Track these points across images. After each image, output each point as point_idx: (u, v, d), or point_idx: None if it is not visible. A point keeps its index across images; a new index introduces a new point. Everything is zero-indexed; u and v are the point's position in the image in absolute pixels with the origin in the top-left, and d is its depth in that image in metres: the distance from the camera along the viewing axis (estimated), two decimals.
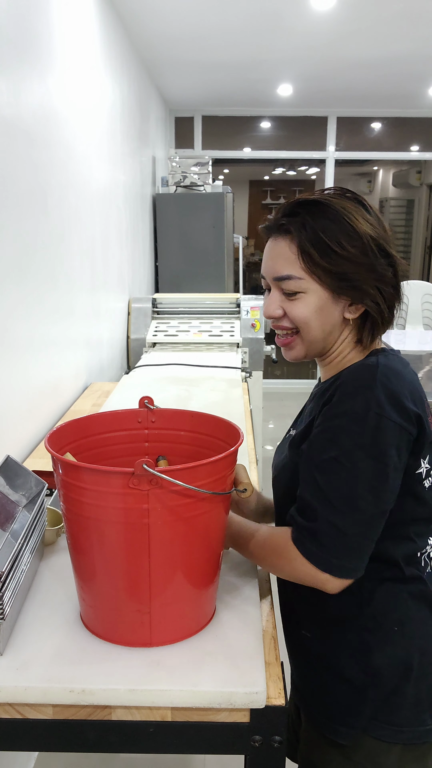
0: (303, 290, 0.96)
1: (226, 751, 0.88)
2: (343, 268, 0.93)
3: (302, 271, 0.95)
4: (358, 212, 0.95)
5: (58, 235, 2.17)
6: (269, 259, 1.00)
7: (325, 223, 0.93)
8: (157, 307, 3.85)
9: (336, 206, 0.94)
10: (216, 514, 0.90)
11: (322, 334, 0.98)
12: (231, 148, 6.94)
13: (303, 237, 0.94)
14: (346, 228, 0.93)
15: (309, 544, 0.89)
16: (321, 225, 0.93)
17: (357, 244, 0.93)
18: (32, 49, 1.87)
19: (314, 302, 0.96)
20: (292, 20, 3.47)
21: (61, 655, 0.90)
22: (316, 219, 0.94)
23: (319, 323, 0.97)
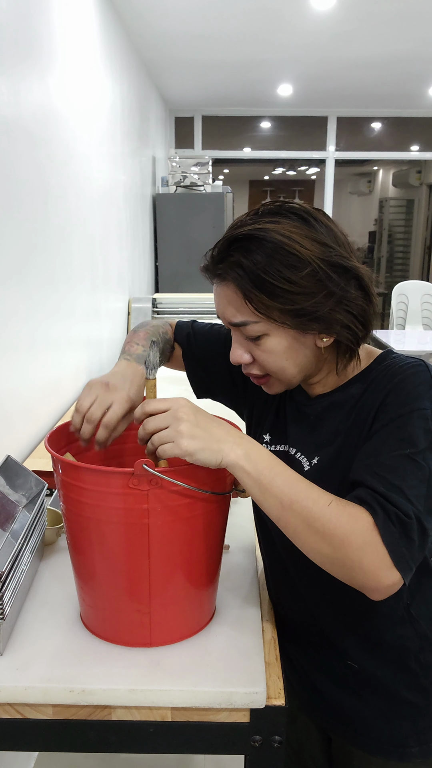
0: (264, 333, 0.87)
1: (226, 751, 0.88)
2: (298, 304, 0.83)
3: (256, 316, 0.86)
4: (298, 233, 0.84)
5: (59, 235, 2.17)
6: (219, 305, 0.91)
7: (263, 260, 0.82)
8: (157, 307, 3.85)
9: (271, 236, 0.83)
10: (216, 514, 0.90)
11: (297, 369, 0.90)
12: (231, 148, 6.95)
13: (243, 282, 0.84)
14: (287, 259, 0.82)
15: (399, 537, 0.77)
16: (260, 263, 0.83)
17: (305, 272, 0.82)
18: (32, 49, 1.87)
19: (280, 343, 0.87)
20: (292, 20, 3.47)
21: (61, 655, 0.90)
22: (253, 257, 0.83)
23: (292, 362, 0.89)
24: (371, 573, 0.77)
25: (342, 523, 0.77)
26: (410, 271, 9.35)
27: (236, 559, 1.14)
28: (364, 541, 0.76)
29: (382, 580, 0.77)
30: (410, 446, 0.80)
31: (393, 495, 0.78)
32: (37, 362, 1.95)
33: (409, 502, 0.78)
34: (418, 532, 0.78)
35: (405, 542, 0.77)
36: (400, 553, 0.77)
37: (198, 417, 0.81)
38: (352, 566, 0.78)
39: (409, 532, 0.77)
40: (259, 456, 0.81)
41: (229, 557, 1.14)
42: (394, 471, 0.79)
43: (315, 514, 0.78)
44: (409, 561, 0.78)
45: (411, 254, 9.39)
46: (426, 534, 0.79)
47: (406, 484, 0.78)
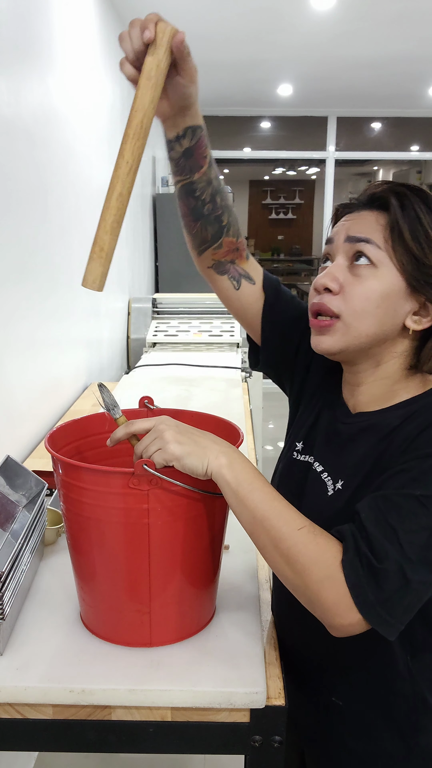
0: (376, 264, 0.81)
1: (226, 751, 0.88)
2: (429, 259, 0.80)
3: (384, 243, 0.81)
4: None
5: (59, 235, 2.17)
6: (353, 223, 0.85)
7: (427, 210, 0.81)
8: (157, 307, 3.85)
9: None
10: (216, 514, 0.90)
11: (374, 329, 0.82)
12: (231, 148, 6.95)
13: (399, 214, 0.81)
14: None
15: (367, 583, 0.72)
16: (422, 207, 0.81)
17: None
18: (32, 49, 1.87)
19: (383, 285, 0.81)
20: (292, 20, 3.48)
21: (61, 655, 0.90)
22: (421, 199, 0.82)
23: (378, 315, 0.82)
24: (328, 609, 0.74)
25: (307, 551, 0.75)
26: None
27: (236, 559, 1.14)
28: (325, 575, 0.74)
29: (337, 619, 0.74)
30: (423, 488, 0.74)
31: (378, 537, 0.73)
32: (37, 362, 1.95)
33: (398, 547, 0.72)
34: (393, 583, 0.72)
35: (372, 589, 0.72)
36: (364, 598, 0.72)
37: (180, 427, 0.82)
38: (310, 597, 0.76)
39: (379, 579, 0.72)
40: (241, 468, 0.80)
41: (229, 557, 1.14)
42: (397, 510, 0.74)
43: (282, 536, 0.76)
44: (378, 610, 0.72)
45: None
46: (408, 588, 0.72)
47: (404, 527, 0.73)
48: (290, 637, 0.97)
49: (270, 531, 0.77)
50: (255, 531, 0.79)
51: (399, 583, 0.72)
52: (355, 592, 0.73)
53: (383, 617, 0.73)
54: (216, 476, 0.80)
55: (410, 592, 0.73)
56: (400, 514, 0.73)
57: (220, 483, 0.80)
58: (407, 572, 0.72)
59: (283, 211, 10.99)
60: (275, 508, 0.78)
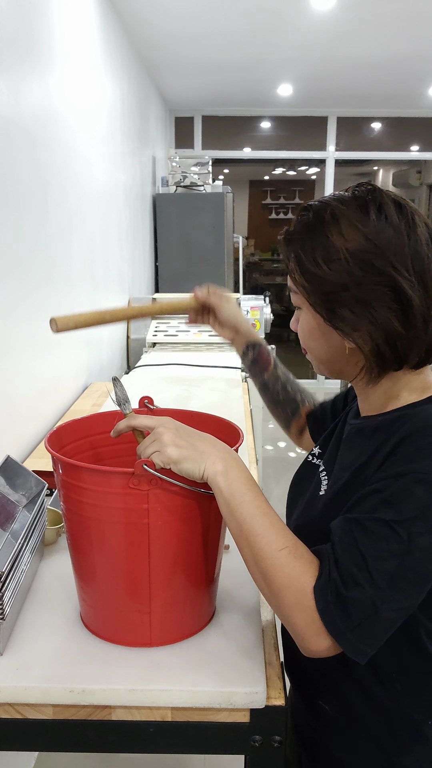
0: (299, 305, 0.88)
1: (226, 751, 0.88)
2: (321, 288, 0.80)
3: (294, 285, 0.86)
4: (348, 219, 0.78)
5: (59, 235, 2.17)
6: None
7: (306, 236, 0.82)
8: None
9: (324, 214, 0.80)
10: (216, 515, 0.90)
11: (324, 356, 0.88)
12: (231, 148, 6.95)
13: (288, 251, 0.85)
14: (323, 242, 0.79)
15: (335, 609, 0.72)
16: (302, 239, 0.82)
17: (334, 259, 0.78)
18: (32, 49, 1.87)
19: (308, 322, 0.86)
20: (292, 20, 3.47)
21: (61, 655, 0.90)
22: (301, 231, 0.83)
23: (317, 345, 0.87)
24: (298, 632, 0.76)
25: (283, 575, 0.76)
26: None
27: (236, 559, 1.14)
28: (295, 601, 0.75)
29: (306, 643, 0.75)
30: (395, 513, 0.72)
31: (347, 561, 0.73)
32: (37, 362, 1.95)
33: (367, 575, 0.71)
34: (362, 611, 0.71)
35: (340, 616, 0.72)
36: (334, 625, 0.73)
37: (180, 430, 0.82)
38: (283, 618, 0.77)
39: (346, 606, 0.72)
40: (237, 476, 0.80)
41: (229, 557, 1.14)
42: (367, 535, 0.73)
43: (263, 554, 0.77)
44: (348, 636, 0.72)
45: None
46: (377, 615, 0.71)
47: (373, 554, 0.72)
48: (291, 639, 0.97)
49: (253, 547, 0.78)
50: (240, 543, 0.80)
51: (367, 612, 0.72)
52: (325, 618, 0.73)
53: (353, 643, 0.73)
54: (211, 482, 0.81)
55: (379, 620, 0.72)
56: (370, 539, 0.73)
57: (214, 489, 0.81)
58: (375, 601, 0.71)
59: (283, 211, 10.99)
60: (262, 524, 0.78)
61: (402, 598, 0.72)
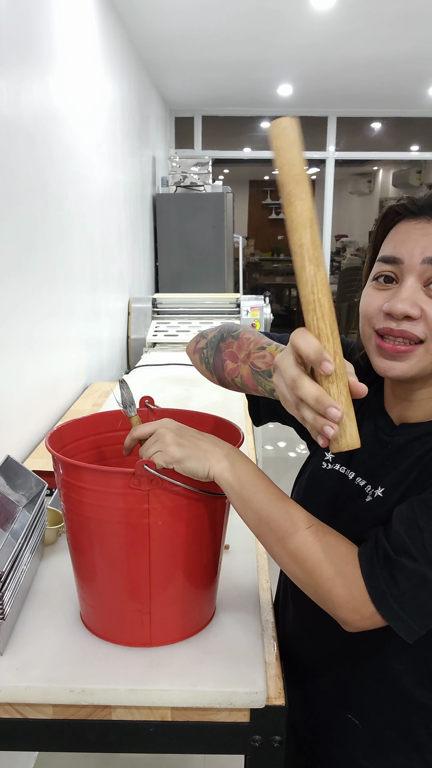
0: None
1: (226, 751, 0.88)
2: None
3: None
4: None
5: (59, 235, 2.17)
6: (421, 240, 0.78)
7: None
8: (157, 307, 3.85)
9: None
10: (216, 515, 0.90)
11: None
12: (231, 148, 6.95)
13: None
14: None
15: (381, 573, 0.71)
16: None
17: None
18: (32, 49, 1.87)
19: None
20: (292, 20, 3.47)
21: (61, 655, 0.90)
22: None
23: None
24: (341, 605, 0.74)
25: (316, 550, 0.75)
26: None
27: (236, 559, 1.14)
28: (336, 571, 0.73)
29: (351, 614, 0.74)
30: None
31: (401, 532, 0.71)
32: (37, 362, 1.95)
33: (421, 547, 0.70)
34: (410, 579, 0.70)
35: (386, 580, 0.71)
36: (378, 588, 0.71)
37: (182, 430, 0.83)
38: (322, 594, 0.75)
39: (394, 570, 0.70)
40: (244, 470, 0.80)
41: (229, 557, 1.14)
42: (429, 513, 0.72)
43: (291, 536, 0.76)
44: (392, 604, 0.71)
45: None
46: (426, 585, 0.70)
47: (420, 533, 0.70)
48: (305, 653, 0.95)
49: (277, 531, 0.77)
50: (262, 532, 0.79)
51: (416, 580, 0.70)
52: (370, 582, 0.72)
53: (396, 611, 0.71)
54: (218, 479, 0.80)
55: (427, 591, 0.70)
56: (429, 516, 0.72)
57: (224, 486, 0.81)
58: (426, 573, 0.70)
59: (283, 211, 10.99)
60: (281, 508, 0.78)
61: None
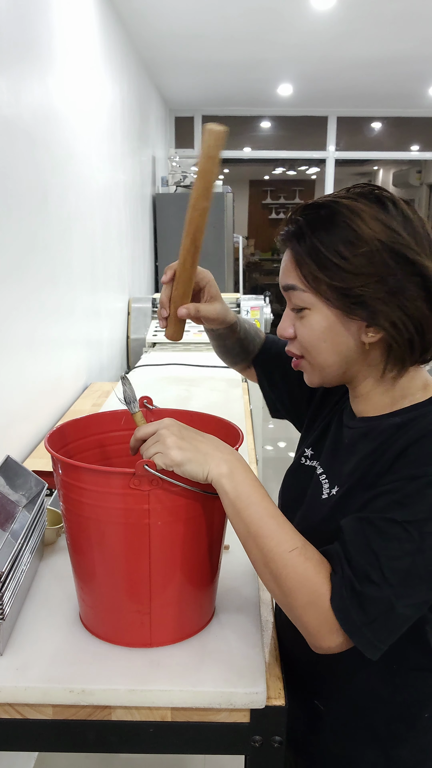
0: (307, 306, 0.83)
1: (226, 751, 0.88)
2: (346, 282, 0.79)
3: (304, 284, 0.83)
4: (368, 212, 0.79)
5: (58, 234, 2.17)
6: (281, 269, 0.88)
7: (324, 232, 0.80)
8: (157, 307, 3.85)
9: (340, 208, 0.80)
10: (216, 515, 0.90)
11: (334, 358, 0.84)
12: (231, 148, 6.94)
13: (299, 248, 0.82)
14: (346, 233, 0.78)
15: (351, 605, 0.73)
16: (319, 234, 0.80)
17: (361, 251, 0.77)
18: (32, 49, 1.87)
19: (320, 321, 0.83)
20: (292, 20, 3.47)
21: (61, 656, 0.90)
22: (314, 226, 0.81)
23: (328, 347, 0.84)
24: (310, 632, 0.77)
25: (296, 575, 0.76)
26: None
27: (236, 559, 1.14)
28: (309, 600, 0.75)
29: (319, 641, 0.76)
30: (407, 513, 0.74)
31: (360, 560, 0.74)
32: (37, 362, 1.95)
33: (380, 571, 0.73)
34: (377, 607, 0.73)
35: (356, 612, 0.73)
36: (350, 621, 0.74)
37: (183, 432, 0.82)
38: (295, 617, 0.78)
39: (362, 602, 0.73)
40: (242, 478, 0.80)
41: (229, 557, 1.14)
42: (380, 535, 0.74)
43: (273, 556, 0.77)
44: (364, 632, 0.73)
45: None
46: (392, 611, 0.73)
47: (385, 553, 0.73)
48: (285, 639, 0.98)
49: (262, 548, 0.78)
50: (248, 545, 0.81)
51: (383, 608, 0.73)
52: (340, 615, 0.74)
53: (369, 639, 0.74)
54: (216, 484, 0.81)
55: (395, 617, 0.74)
56: (383, 539, 0.74)
57: (219, 492, 0.81)
58: (391, 598, 0.73)
59: (283, 211, 10.98)
60: (270, 526, 0.79)
61: (415, 595, 0.74)
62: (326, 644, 0.76)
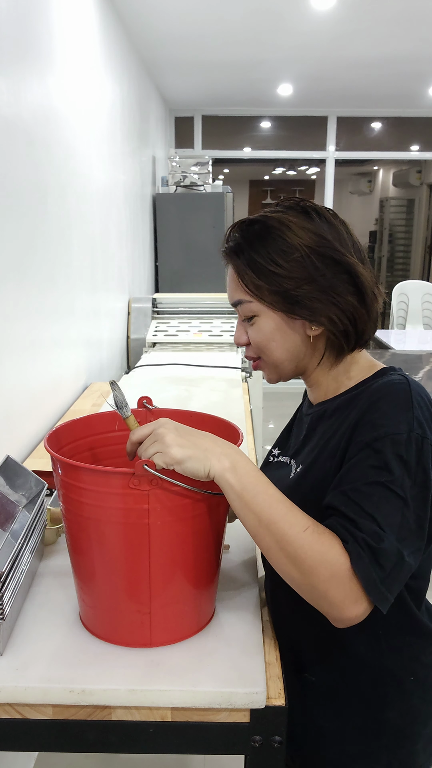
0: (255, 313, 0.94)
1: (226, 752, 0.88)
2: (283, 286, 0.90)
3: (248, 295, 0.93)
4: (296, 223, 0.90)
5: (58, 234, 2.17)
6: (227, 286, 0.99)
7: (258, 244, 0.91)
8: (157, 307, 3.85)
9: (270, 222, 0.91)
10: (216, 515, 0.90)
11: (285, 355, 0.95)
12: (231, 148, 6.95)
13: (238, 261, 0.93)
14: (277, 243, 0.90)
15: (371, 564, 0.77)
16: (255, 246, 0.91)
17: (292, 257, 0.89)
18: (32, 49, 1.87)
19: (268, 324, 0.94)
20: (292, 20, 3.47)
21: (60, 656, 0.90)
22: (250, 240, 0.92)
23: (278, 345, 0.94)
24: (335, 605, 0.78)
25: (314, 552, 0.78)
26: (411, 270, 9.35)
27: (236, 559, 1.14)
28: (331, 573, 0.77)
29: (345, 612, 0.78)
30: (387, 473, 0.80)
31: (365, 522, 0.78)
32: (37, 362, 1.95)
33: (381, 529, 0.78)
34: (391, 560, 0.77)
35: (376, 569, 0.77)
36: (371, 580, 0.77)
37: (180, 430, 0.83)
38: (318, 595, 0.79)
39: (380, 558, 0.77)
40: (245, 470, 0.82)
41: (229, 557, 1.14)
42: (369, 498, 0.79)
43: (289, 539, 0.79)
44: (380, 587, 0.77)
45: (412, 254, 9.39)
46: (403, 561, 0.78)
47: (380, 513, 0.78)
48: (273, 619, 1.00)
49: (276, 534, 0.80)
50: (260, 534, 0.81)
51: (395, 559, 0.78)
52: (363, 575, 0.77)
53: (383, 594, 0.78)
54: (219, 480, 0.81)
55: (404, 565, 0.79)
56: (372, 501, 0.79)
57: (224, 486, 0.81)
58: (400, 548, 0.78)
59: None
60: (280, 510, 0.80)
61: (412, 545, 0.80)
62: (351, 614, 0.78)
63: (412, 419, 0.82)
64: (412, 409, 0.83)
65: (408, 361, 3.39)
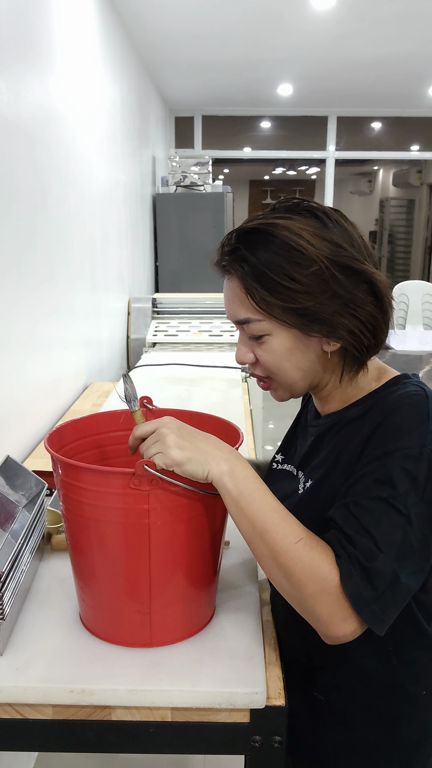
0: (267, 332, 0.85)
1: (226, 752, 0.88)
2: (300, 303, 0.81)
3: (258, 314, 0.84)
4: (308, 230, 0.81)
5: (58, 234, 2.17)
6: (226, 301, 0.89)
7: (268, 256, 0.81)
8: (157, 307, 3.85)
9: (279, 231, 0.81)
10: (216, 515, 0.90)
11: (300, 374, 0.88)
12: (231, 148, 6.95)
13: (246, 277, 0.83)
14: (292, 255, 0.80)
15: (360, 582, 0.74)
16: (264, 258, 0.81)
17: (310, 271, 0.80)
18: (32, 49, 1.87)
19: (282, 344, 0.85)
20: (293, 20, 3.48)
21: (61, 656, 0.90)
22: (257, 252, 0.82)
23: (293, 365, 0.87)
24: (323, 621, 0.76)
25: (303, 565, 0.76)
26: (411, 271, 9.35)
27: (236, 558, 1.14)
28: (320, 589, 0.75)
29: (332, 630, 0.76)
30: (390, 489, 0.76)
31: (361, 539, 0.76)
32: (37, 361, 1.95)
33: (377, 548, 0.75)
34: (384, 580, 0.74)
35: (367, 588, 0.74)
36: (361, 599, 0.74)
37: (182, 431, 0.82)
38: (306, 608, 0.78)
39: (372, 577, 0.74)
40: (243, 476, 0.80)
41: (229, 557, 1.14)
42: (369, 514, 0.76)
43: (281, 549, 0.78)
44: (372, 607, 0.74)
45: (412, 254, 9.39)
46: (398, 582, 0.75)
47: (379, 530, 0.76)
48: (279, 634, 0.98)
49: (268, 543, 0.79)
50: (253, 541, 0.81)
51: (389, 580, 0.75)
52: (352, 592, 0.74)
53: (377, 615, 0.75)
54: (217, 483, 0.81)
55: (400, 587, 0.75)
56: (372, 517, 0.76)
57: (221, 490, 0.81)
58: (396, 569, 0.75)
59: None
60: (274, 520, 0.79)
61: (412, 565, 0.76)
62: (339, 632, 0.76)
63: (426, 433, 0.78)
64: (428, 422, 0.78)
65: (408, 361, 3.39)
